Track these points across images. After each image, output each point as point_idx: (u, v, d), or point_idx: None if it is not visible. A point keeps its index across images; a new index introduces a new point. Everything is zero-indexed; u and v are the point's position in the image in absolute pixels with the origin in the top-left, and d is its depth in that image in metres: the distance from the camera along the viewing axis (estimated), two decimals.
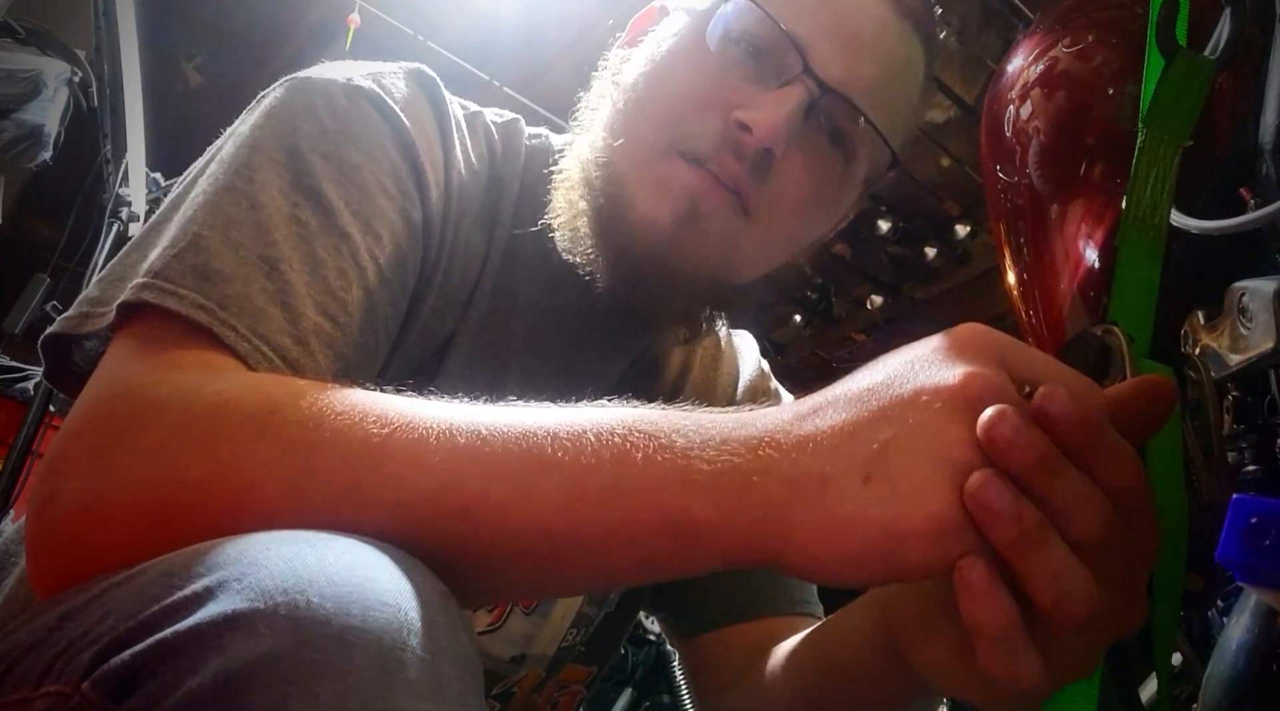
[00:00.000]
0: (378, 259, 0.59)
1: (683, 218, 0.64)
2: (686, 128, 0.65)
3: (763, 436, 0.39)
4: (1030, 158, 0.75)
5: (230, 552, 0.34)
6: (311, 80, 0.63)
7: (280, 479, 0.41)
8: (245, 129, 0.60)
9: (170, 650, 0.31)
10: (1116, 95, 0.69)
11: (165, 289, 0.51)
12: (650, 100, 0.68)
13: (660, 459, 0.39)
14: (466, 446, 0.41)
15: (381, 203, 0.60)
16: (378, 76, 0.65)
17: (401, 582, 0.35)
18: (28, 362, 3.06)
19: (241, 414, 0.43)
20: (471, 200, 0.70)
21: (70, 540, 0.43)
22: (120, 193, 2.28)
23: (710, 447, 0.39)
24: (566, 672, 0.82)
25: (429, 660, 0.33)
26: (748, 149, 0.64)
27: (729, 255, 0.68)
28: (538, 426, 0.41)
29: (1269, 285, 0.52)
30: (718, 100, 0.65)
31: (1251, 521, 0.37)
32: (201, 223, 0.54)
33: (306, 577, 0.32)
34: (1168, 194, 0.50)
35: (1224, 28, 0.55)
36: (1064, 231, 0.73)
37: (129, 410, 0.45)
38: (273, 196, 0.56)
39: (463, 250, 0.68)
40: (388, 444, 0.41)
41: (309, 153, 0.59)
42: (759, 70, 0.66)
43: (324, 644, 0.31)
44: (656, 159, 0.65)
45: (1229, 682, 0.57)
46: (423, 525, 0.40)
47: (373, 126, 0.62)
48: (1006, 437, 0.35)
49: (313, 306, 0.54)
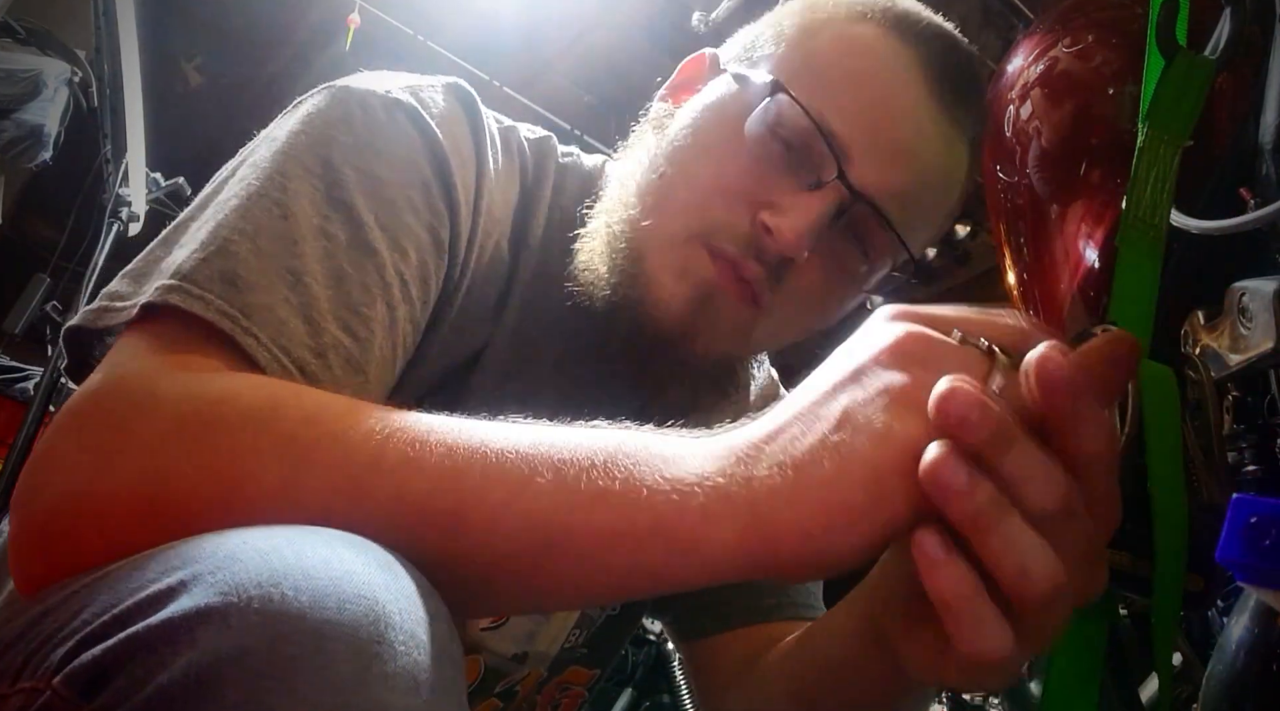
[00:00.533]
0: (403, 275, 0.59)
1: (695, 305, 0.65)
2: (714, 219, 0.65)
3: (741, 441, 0.40)
4: (1030, 158, 0.75)
5: (206, 547, 0.34)
6: (351, 90, 0.63)
7: (277, 472, 0.41)
8: (281, 133, 0.60)
9: (141, 645, 0.31)
10: (1116, 95, 0.69)
11: (192, 293, 0.50)
12: (683, 182, 0.68)
13: (649, 468, 0.40)
14: (465, 450, 0.41)
15: (410, 219, 0.60)
16: (416, 90, 0.65)
17: (380, 576, 0.35)
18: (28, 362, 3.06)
19: (242, 411, 0.43)
20: (500, 220, 0.70)
21: (56, 536, 0.42)
22: (120, 193, 2.29)
23: (696, 457, 0.40)
24: (569, 674, 0.82)
25: (406, 653, 0.33)
26: (769, 253, 0.64)
27: (737, 341, 0.69)
28: (535, 438, 0.42)
29: (1269, 285, 0.52)
30: (747, 194, 0.65)
31: (1251, 521, 0.37)
32: (232, 227, 0.54)
33: (282, 571, 0.32)
34: (1168, 194, 0.50)
35: (1224, 28, 0.55)
36: (1064, 231, 0.73)
37: (129, 402, 0.45)
38: (303, 207, 0.56)
39: (487, 269, 0.68)
40: (387, 444, 0.41)
41: (342, 165, 0.58)
42: (793, 165, 0.65)
43: (298, 637, 0.31)
44: (680, 245, 0.66)
45: (1229, 682, 0.57)
46: (417, 523, 0.40)
47: (408, 141, 0.62)
48: (960, 414, 0.35)
49: (334, 321, 0.54)
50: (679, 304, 0.65)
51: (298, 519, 0.39)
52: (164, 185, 2.46)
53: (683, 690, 2.14)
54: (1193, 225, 0.54)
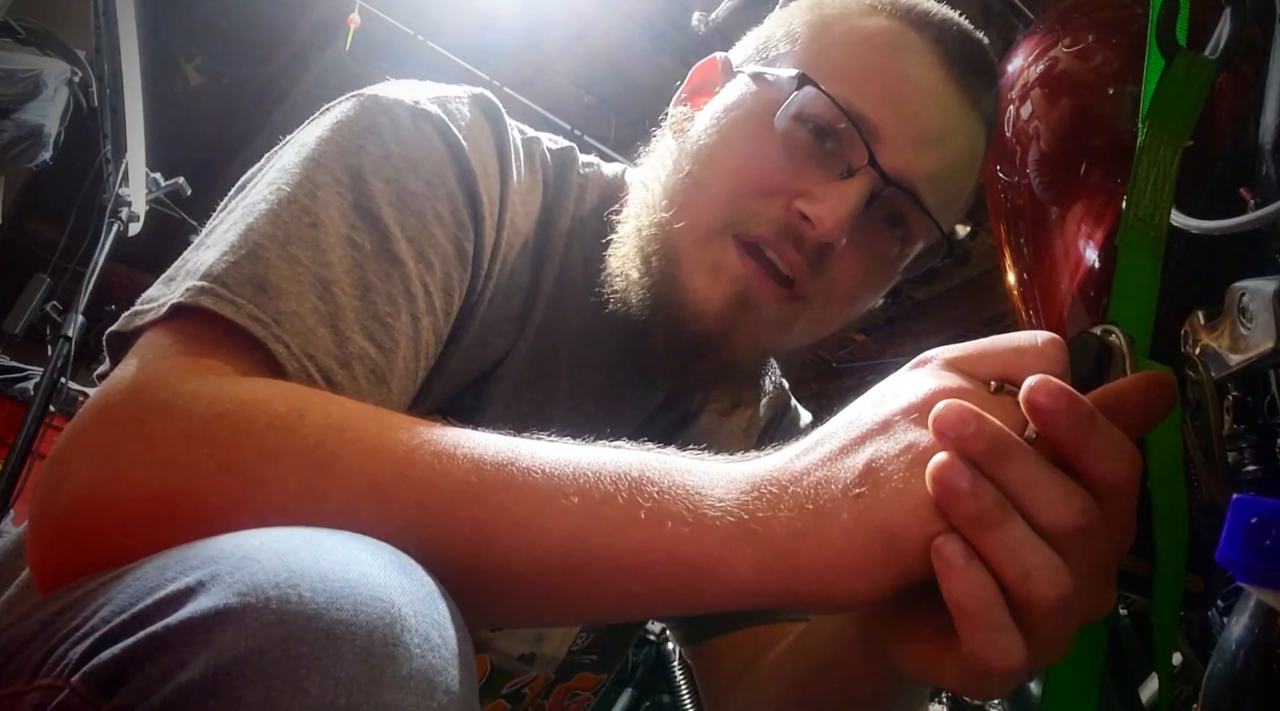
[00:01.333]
0: (428, 286, 0.59)
1: (733, 304, 0.66)
2: (747, 210, 0.66)
3: (765, 475, 0.41)
4: (1030, 158, 0.75)
5: (224, 547, 0.34)
6: (379, 99, 0.63)
7: (300, 477, 0.41)
8: (310, 140, 0.60)
9: (159, 644, 0.31)
10: (1116, 95, 0.70)
11: (223, 296, 0.50)
12: (713, 178, 0.68)
13: (673, 496, 0.40)
14: (491, 464, 0.42)
15: (436, 230, 0.61)
16: (444, 101, 0.65)
17: (395, 578, 0.35)
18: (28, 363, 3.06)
19: (270, 414, 0.43)
20: (523, 231, 0.70)
21: (75, 529, 0.42)
22: (120, 192, 2.29)
23: (719, 486, 0.40)
24: (578, 681, 0.83)
25: (420, 655, 0.33)
26: (807, 240, 0.65)
27: (778, 336, 0.70)
28: (560, 457, 0.42)
29: (1269, 285, 0.52)
30: (781, 185, 0.66)
31: (1251, 521, 0.37)
32: (261, 232, 0.54)
33: (299, 572, 0.32)
34: (1168, 194, 0.50)
35: (1224, 28, 0.56)
36: (1064, 231, 0.73)
37: (152, 401, 0.45)
38: (332, 216, 0.56)
39: (508, 281, 0.69)
40: (415, 452, 0.42)
41: (371, 175, 0.59)
42: (824, 155, 0.66)
43: (312, 638, 0.31)
44: (713, 239, 0.66)
45: (1229, 682, 0.57)
46: (440, 531, 0.40)
47: (435, 153, 0.63)
48: (953, 424, 0.37)
49: (360, 332, 0.54)
50: (716, 305, 0.66)
51: (319, 524, 0.39)
52: (164, 185, 2.46)
53: (683, 690, 2.14)
54: (1193, 225, 0.54)
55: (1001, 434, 0.37)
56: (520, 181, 0.70)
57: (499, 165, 0.68)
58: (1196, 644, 0.74)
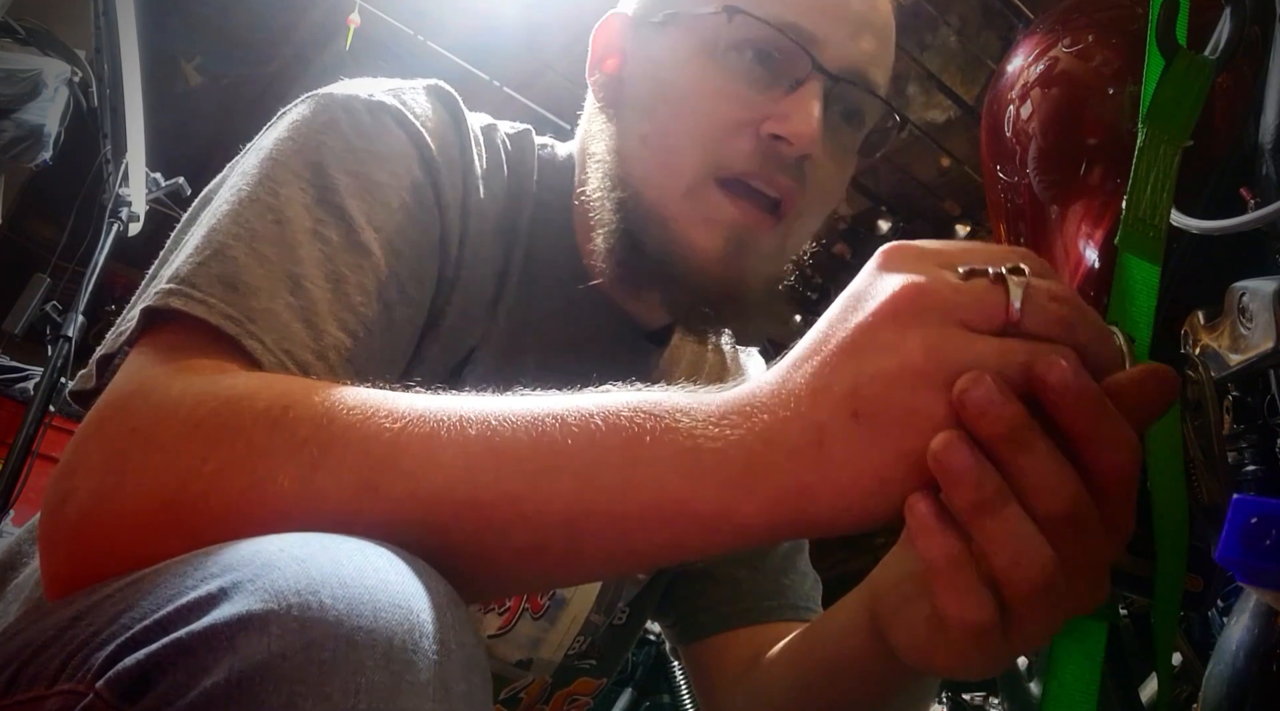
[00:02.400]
0: (398, 275, 0.60)
1: (733, 248, 0.67)
2: (721, 151, 0.66)
3: (754, 403, 0.39)
4: (1030, 157, 0.75)
5: (244, 553, 0.35)
6: (335, 96, 0.63)
7: (294, 474, 0.41)
8: (268, 143, 0.61)
9: (184, 650, 0.31)
10: (1116, 95, 0.69)
11: (194, 296, 0.51)
12: (674, 131, 0.68)
13: (667, 440, 0.39)
14: (478, 438, 0.41)
15: (403, 219, 0.61)
16: (399, 92, 0.66)
17: (412, 585, 0.35)
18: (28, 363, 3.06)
19: (255, 410, 0.43)
20: (489, 217, 0.70)
21: (86, 539, 0.43)
22: (120, 192, 2.29)
23: (712, 423, 0.39)
24: (578, 686, 0.82)
25: (437, 662, 0.33)
26: (788, 158, 0.66)
27: (779, 259, 0.71)
28: (547, 414, 0.41)
29: (1269, 285, 0.52)
30: (742, 116, 0.66)
31: (1251, 521, 0.37)
32: (227, 233, 0.54)
33: (319, 579, 0.33)
34: (1168, 194, 0.50)
35: (1224, 28, 0.55)
36: (1064, 231, 0.73)
37: (144, 409, 0.45)
38: (297, 211, 0.56)
39: (481, 267, 0.69)
40: (400, 439, 0.41)
41: (333, 169, 0.59)
42: (770, 73, 0.67)
43: (334, 644, 0.31)
44: (696, 191, 0.67)
45: (1229, 682, 0.57)
46: (436, 518, 0.40)
47: (396, 143, 0.63)
48: (979, 405, 0.35)
49: (334, 323, 0.55)
50: (718, 250, 0.67)
51: (316, 521, 0.39)
52: (164, 185, 2.46)
53: (683, 690, 2.14)
54: (1193, 225, 0.54)
55: (1022, 420, 0.36)
56: (483, 167, 0.70)
57: (460, 152, 0.68)
58: (1196, 644, 0.74)
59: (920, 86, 4.07)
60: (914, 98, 4.11)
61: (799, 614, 0.83)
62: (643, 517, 0.39)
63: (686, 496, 0.38)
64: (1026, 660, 1.23)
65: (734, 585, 0.84)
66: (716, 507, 0.38)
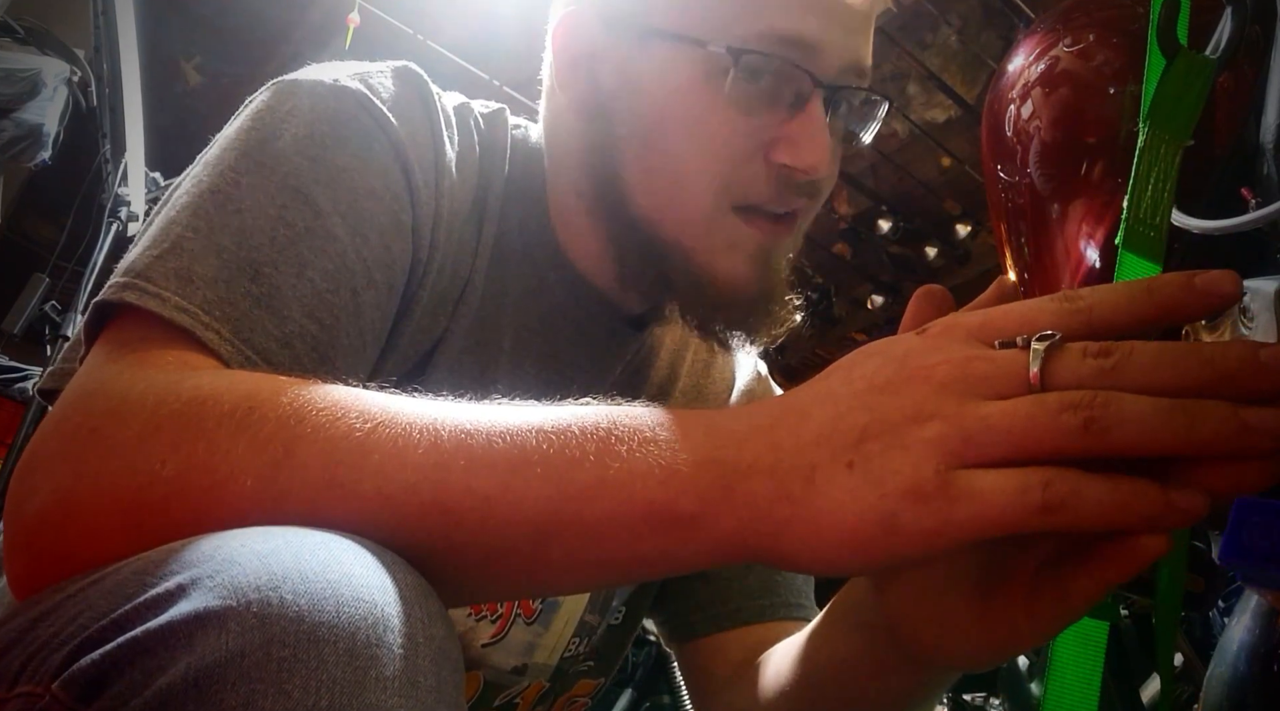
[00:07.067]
0: (366, 261, 0.59)
1: (759, 266, 0.68)
2: (733, 182, 0.67)
3: (749, 430, 0.39)
4: (1031, 157, 0.75)
5: (204, 549, 0.34)
6: (298, 82, 0.63)
7: (258, 472, 0.40)
8: (231, 133, 0.60)
9: (140, 649, 0.31)
10: (1117, 95, 0.69)
11: (148, 290, 0.50)
12: (686, 164, 0.67)
13: (645, 452, 0.39)
14: (450, 440, 0.40)
15: (369, 205, 0.60)
16: (364, 77, 0.65)
17: (378, 578, 0.34)
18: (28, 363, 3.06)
19: (220, 410, 0.42)
20: (461, 198, 0.69)
21: (45, 540, 0.42)
22: (119, 192, 2.28)
23: (694, 441, 0.39)
24: (578, 688, 0.82)
25: (404, 656, 0.33)
26: (801, 182, 0.67)
27: (789, 264, 0.73)
28: (522, 422, 0.41)
29: (1269, 285, 0.52)
30: (752, 145, 0.66)
31: (1252, 522, 0.37)
32: (184, 225, 0.54)
33: (280, 574, 0.32)
34: (1169, 194, 0.50)
35: (1225, 27, 0.55)
36: (1065, 231, 0.73)
37: (104, 408, 0.45)
38: (258, 199, 0.56)
39: (455, 249, 0.68)
40: (370, 438, 0.40)
41: (295, 155, 0.58)
42: (772, 93, 0.66)
43: (294, 641, 0.31)
44: (715, 221, 0.67)
45: (1230, 682, 0.57)
46: (404, 518, 0.39)
47: (360, 128, 0.62)
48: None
49: (299, 309, 0.54)
50: (745, 278, 0.68)
51: (281, 518, 0.38)
52: (163, 185, 2.46)
53: (683, 690, 2.13)
54: (1193, 225, 0.54)
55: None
56: (454, 149, 0.69)
57: (430, 134, 0.67)
58: (1197, 644, 0.74)
59: (921, 86, 4.07)
60: (914, 97, 4.11)
61: (792, 612, 0.82)
62: (611, 526, 0.38)
63: (660, 504, 0.38)
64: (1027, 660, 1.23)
65: (725, 584, 0.83)
66: (688, 519, 0.38)
